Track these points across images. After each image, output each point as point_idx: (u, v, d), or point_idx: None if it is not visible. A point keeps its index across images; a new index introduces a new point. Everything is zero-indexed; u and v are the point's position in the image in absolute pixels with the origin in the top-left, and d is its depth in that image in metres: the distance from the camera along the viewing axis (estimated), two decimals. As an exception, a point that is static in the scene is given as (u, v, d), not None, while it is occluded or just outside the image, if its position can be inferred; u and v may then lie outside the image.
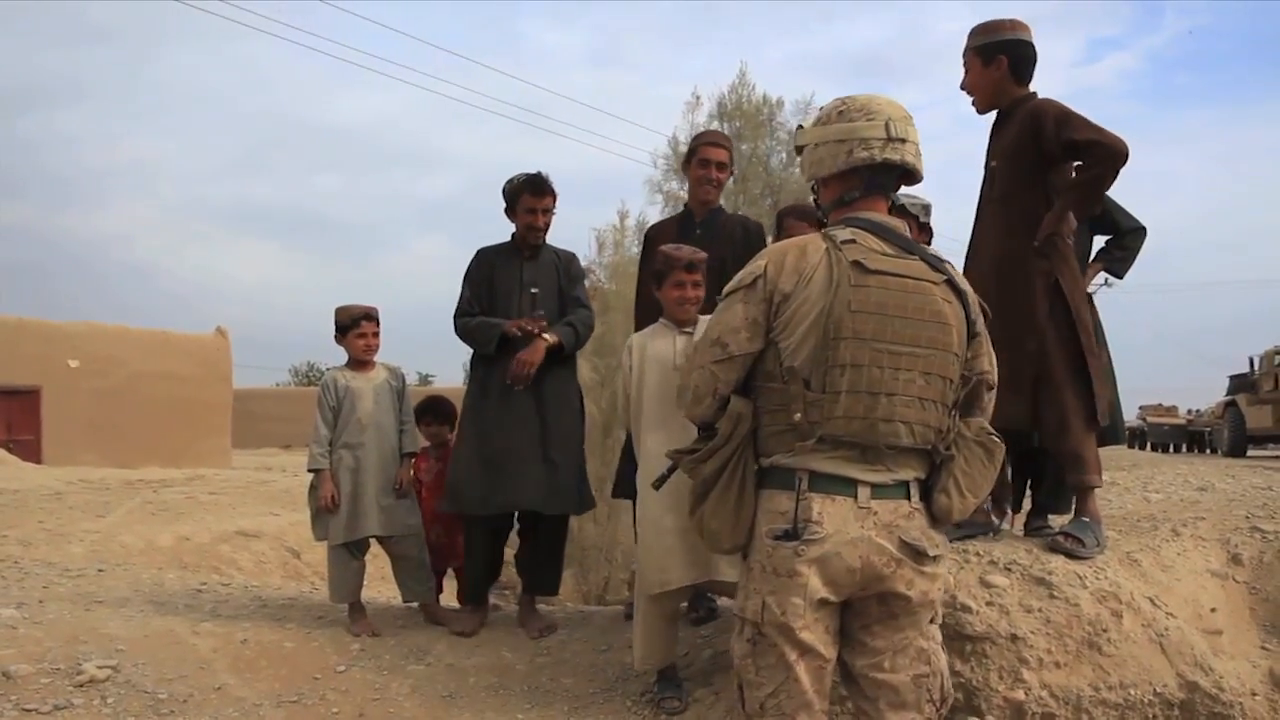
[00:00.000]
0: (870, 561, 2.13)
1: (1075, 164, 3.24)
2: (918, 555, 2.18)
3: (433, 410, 4.86)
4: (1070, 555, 3.13)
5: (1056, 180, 3.27)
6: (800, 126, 2.41)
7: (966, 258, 3.52)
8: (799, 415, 2.14)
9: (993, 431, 2.35)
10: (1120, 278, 4.05)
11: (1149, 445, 27.14)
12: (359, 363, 4.48)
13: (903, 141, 2.25)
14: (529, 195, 4.33)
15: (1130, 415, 30.77)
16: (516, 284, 4.37)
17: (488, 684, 3.80)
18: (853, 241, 2.20)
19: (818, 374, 2.14)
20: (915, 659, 2.24)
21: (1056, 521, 3.66)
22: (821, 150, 2.29)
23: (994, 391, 2.42)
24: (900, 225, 2.32)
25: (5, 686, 3.47)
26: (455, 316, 4.42)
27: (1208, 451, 22.77)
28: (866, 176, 2.28)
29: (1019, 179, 3.30)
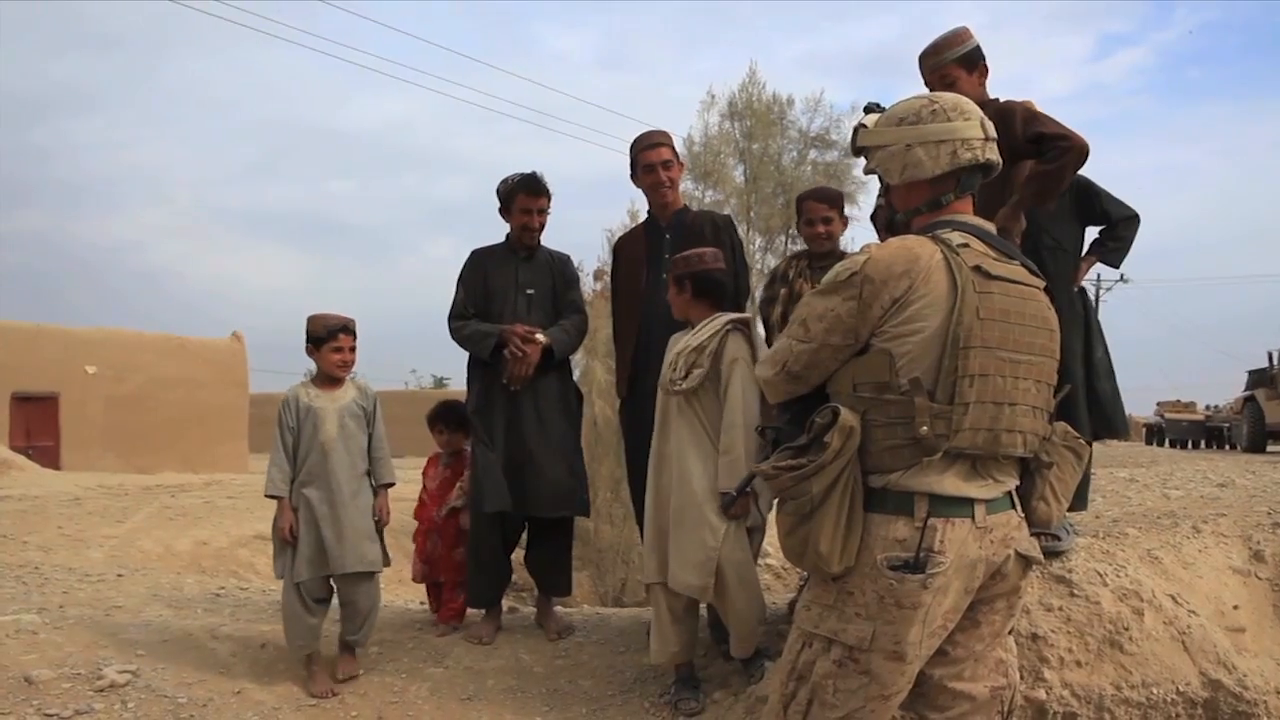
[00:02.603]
0: (983, 578, 2.11)
1: (1037, 159, 3.24)
2: (1028, 564, 2.18)
3: (443, 419, 4.61)
4: (1050, 553, 3.11)
5: (1015, 177, 3.27)
6: (862, 125, 2.31)
7: None
8: (926, 428, 2.01)
9: (1076, 434, 2.30)
10: (1116, 267, 4.01)
11: (1167, 441, 26.96)
12: (328, 379, 3.98)
13: (995, 142, 2.21)
14: (524, 195, 4.28)
15: (1149, 411, 30.61)
16: (512, 285, 4.34)
17: (506, 686, 3.80)
18: (966, 245, 2.11)
19: (944, 384, 2.03)
20: (994, 670, 2.22)
21: (1074, 517, 3.63)
22: (918, 152, 2.18)
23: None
24: (993, 228, 2.26)
25: (27, 691, 3.49)
26: (449, 319, 4.38)
27: (1227, 447, 22.60)
28: (963, 178, 2.21)
29: None
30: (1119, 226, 3.90)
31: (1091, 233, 4.02)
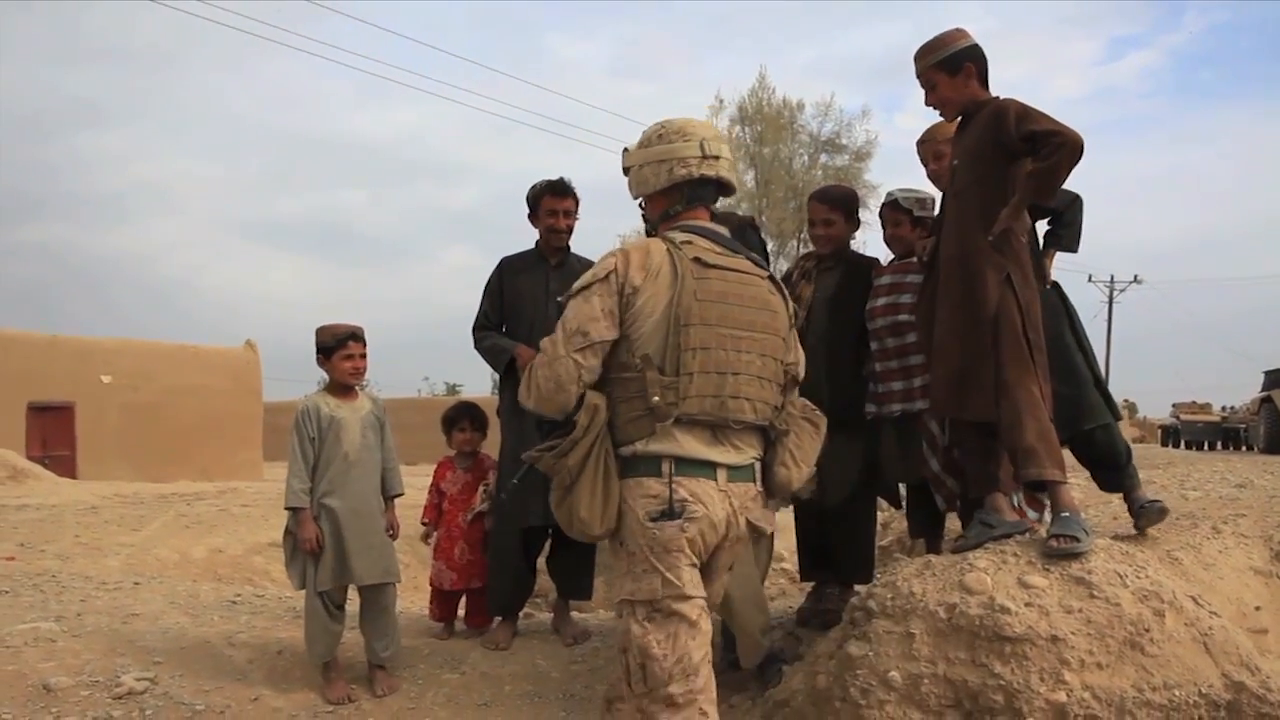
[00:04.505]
0: (722, 538, 2.44)
1: (1033, 157, 3.22)
2: (758, 535, 2.57)
3: (470, 416, 4.59)
4: (1070, 555, 3.07)
5: (1016, 176, 3.25)
6: (625, 149, 2.63)
7: (932, 252, 3.51)
8: (657, 398, 2.34)
9: (814, 407, 2.68)
10: (1075, 251, 3.99)
11: (1183, 443, 26.79)
12: (343, 389, 3.97)
13: (716, 158, 2.56)
14: (550, 197, 4.31)
15: (1164, 413, 30.44)
16: (543, 293, 4.33)
17: (523, 692, 3.80)
18: (689, 242, 2.48)
19: (671, 359, 2.36)
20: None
21: (1150, 488, 3.64)
22: (645, 170, 2.58)
23: (798, 383, 2.72)
24: (724, 231, 2.62)
25: (45, 699, 3.51)
26: (473, 329, 4.40)
27: (1243, 449, 22.44)
28: (687, 191, 2.57)
29: (977, 174, 3.33)
30: (1064, 213, 3.88)
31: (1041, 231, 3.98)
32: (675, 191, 2.58)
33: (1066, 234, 3.91)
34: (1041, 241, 3.91)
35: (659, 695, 2.35)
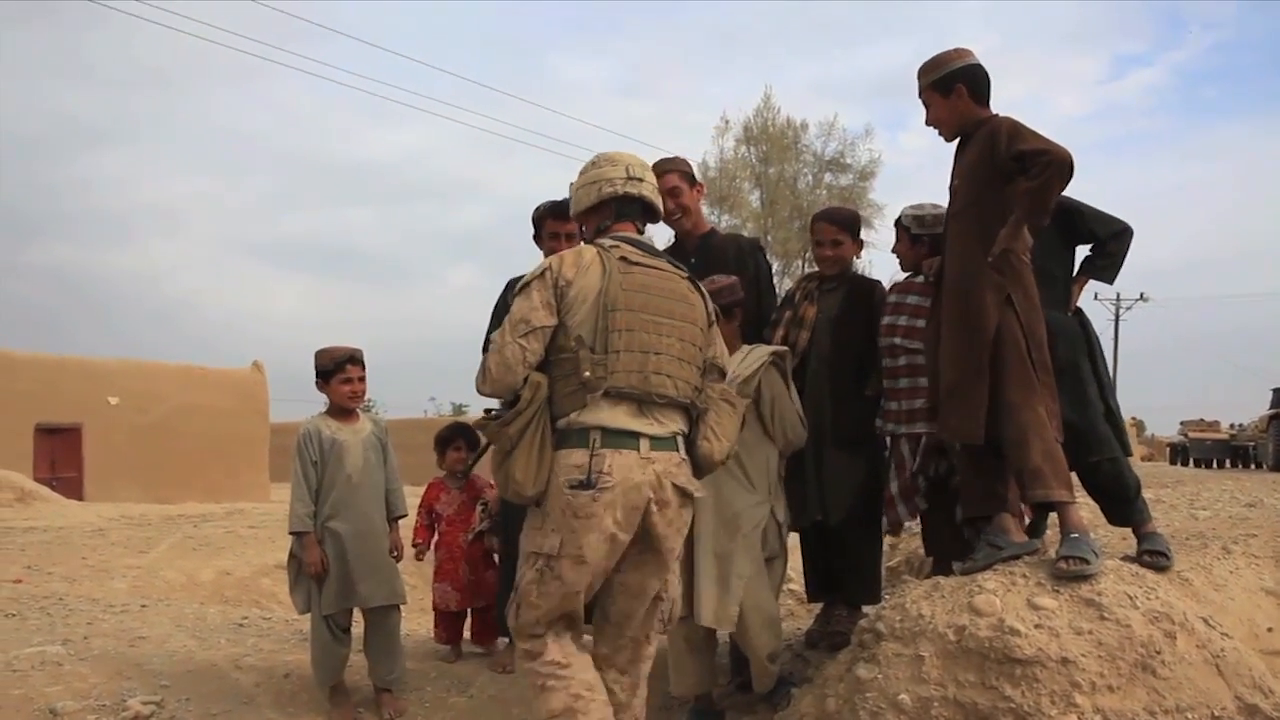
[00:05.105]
0: (646, 502, 2.66)
1: (1023, 177, 3.20)
2: (684, 496, 2.76)
3: (464, 436, 4.60)
4: (1080, 576, 3.04)
5: (1012, 195, 3.24)
6: (571, 183, 3.03)
7: (937, 273, 3.49)
8: (588, 373, 2.65)
9: (731, 390, 2.98)
10: (1110, 283, 3.92)
11: (1191, 461, 26.68)
12: (343, 412, 3.97)
13: (640, 180, 2.94)
14: (552, 220, 4.29)
15: (1172, 431, 30.33)
16: None
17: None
18: (616, 247, 2.84)
19: (600, 340, 2.68)
20: (659, 590, 2.83)
21: (1159, 507, 3.56)
22: (580, 193, 2.97)
23: (722, 374, 2.98)
24: (649, 241, 2.96)
25: (53, 724, 3.50)
26: (482, 350, 4.41)
27: (1252, 466, 22.33)
28: (615, 208, 2.93)
29: (975, 196, 3.32)
30: (1108, 243, 3.78)
31: (1082, 251, 3.92)
32: (605, 208, 2.94)
33: (1105, 264, 3.77)
34: (1077, 267, 3.85)
35: (525, 635, 2.73)
